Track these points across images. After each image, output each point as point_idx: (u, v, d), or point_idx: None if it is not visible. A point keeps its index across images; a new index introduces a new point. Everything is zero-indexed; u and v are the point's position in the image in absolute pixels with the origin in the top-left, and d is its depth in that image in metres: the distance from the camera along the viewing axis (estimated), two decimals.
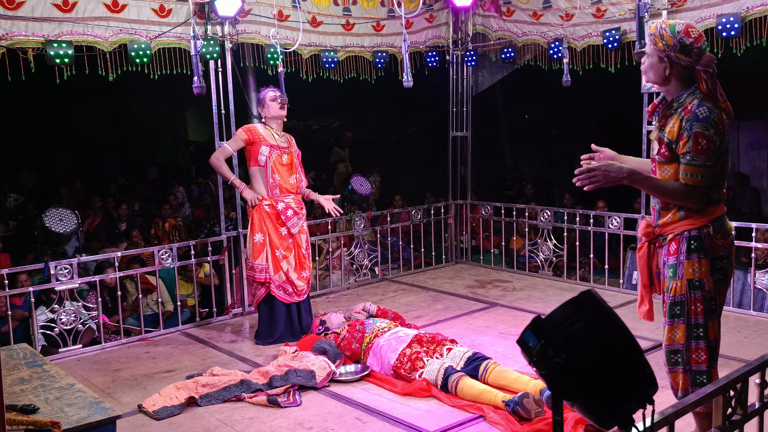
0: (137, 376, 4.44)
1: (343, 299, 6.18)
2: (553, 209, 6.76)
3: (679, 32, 2.69)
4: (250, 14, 5.57)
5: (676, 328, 2.76)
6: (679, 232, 2.75)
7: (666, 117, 2.78)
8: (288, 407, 3.79)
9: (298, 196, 5.01)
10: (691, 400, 2.05)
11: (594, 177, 2.70)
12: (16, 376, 3.03)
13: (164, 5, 5.17)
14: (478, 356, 3.96)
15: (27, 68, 4.64)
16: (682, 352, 2.76)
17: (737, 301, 5.51)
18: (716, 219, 2.74)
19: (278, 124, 4.94)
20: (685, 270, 2.72)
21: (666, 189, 2.73)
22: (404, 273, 7.12)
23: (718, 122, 2.65)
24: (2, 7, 4.51)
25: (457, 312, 5.56)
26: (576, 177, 2.73)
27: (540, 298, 5.94)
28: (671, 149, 2.71)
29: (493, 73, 7.44)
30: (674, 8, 5.31)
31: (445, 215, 7.49)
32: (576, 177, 2.73)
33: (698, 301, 2.71)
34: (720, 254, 2.74)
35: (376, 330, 4.39)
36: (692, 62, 2.70)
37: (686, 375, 2.76)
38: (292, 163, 4.96)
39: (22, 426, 2.42)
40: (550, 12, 6.26)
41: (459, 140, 7.48)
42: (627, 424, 1.80)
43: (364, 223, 6.67)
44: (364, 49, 6.38)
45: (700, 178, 2.66)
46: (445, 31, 7.06)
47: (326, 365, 4.13)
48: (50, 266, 4.84)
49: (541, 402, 3.44)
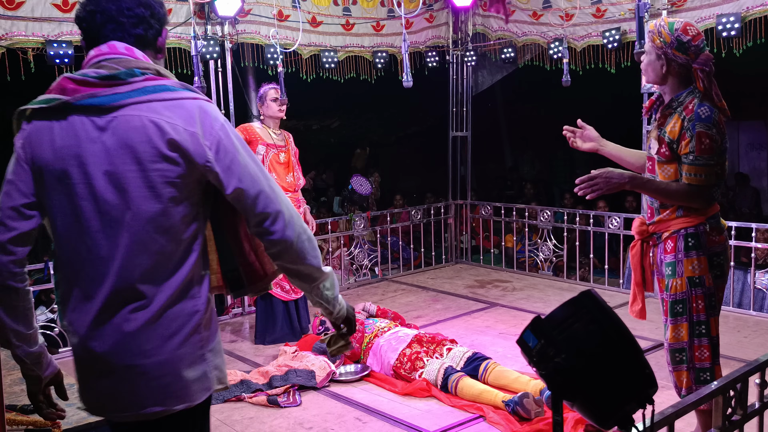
0: None
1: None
2: (553, 209, 6.76)
3: (677, 29, 2.69)
4: (250, 14, 5.57)
5: (679, 326, 2.76)
6: (676, 230, 2.75)
7: (665, 116, 2.77)
8: (288, 407, 3.79)
9: (295, 194, 5.00)
10: (691, 400, 2.05)
11: (596, 185, 2.69)
12: (16, 376, 3.03)
13: (164, 5, 5.16)
14: (478, 356, 3.96)
15: (27, 68, 4.65)
16: (686, 350, 2.75)
17: (737, 301, 5.51)
18: (712, 216, 2.75)
19: (275, 123, 4.94)
20: (684, 268, 2.72)
21: (669, 191, 2.73)
22: (404, 273, 7.12)
23: (719, 121, 2.66)
24: (2, 7, 4.51)
25: (457, 312, 5.56)
26: (578, 186, 2.72)
27: (540, 298, 5.94)
28: (672, 149, 2.71)
29: (493, 73, 7.45)
30: (674, 8, 5.31)
31: (445, 215, 7.49)
32: (578, 186, 2.72)
33: (699, 298, 2.72)
34: (716, 251, 2.74)
35: (376, 330, 4.39)
36: (689, 60, 2.69)
37: (690, 373, 2.76)
38: (289, 162, 4.96)
39: (22, 426, 2.42)
40: (550, 12, 6.26)
41: (459, 140, 7.48)
42: (627, 424, 1.80)
43: (364, 223, 6.67)
44: (364, 49, 6.38)
45: (704, 177, 2.66)
46: (445, 31, 7.06)
47: (326, 365, 4.13)
48: (50, 266, 4.84)
49: (541, 402, 3.44)
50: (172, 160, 1.61)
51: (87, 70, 1.67)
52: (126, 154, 1.60)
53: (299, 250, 1.71)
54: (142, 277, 1.63)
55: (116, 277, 1.62)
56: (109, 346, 1.63)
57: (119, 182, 1.61)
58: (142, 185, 1.61)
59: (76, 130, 1.62)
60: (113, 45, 1.69)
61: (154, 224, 1.62)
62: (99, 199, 1.61)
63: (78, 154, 1.61)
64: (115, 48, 1.68)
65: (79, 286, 1.66)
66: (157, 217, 1.62)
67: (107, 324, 1.63)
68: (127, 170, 1.60)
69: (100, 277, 1.63)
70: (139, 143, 1.60)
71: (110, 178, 1.61)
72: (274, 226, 1.68)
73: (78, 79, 1.63)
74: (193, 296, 1.70)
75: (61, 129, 1.63)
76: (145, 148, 1.60)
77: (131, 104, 1.61)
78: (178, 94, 1.65)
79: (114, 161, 1.60)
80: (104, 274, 1.62)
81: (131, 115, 1.61)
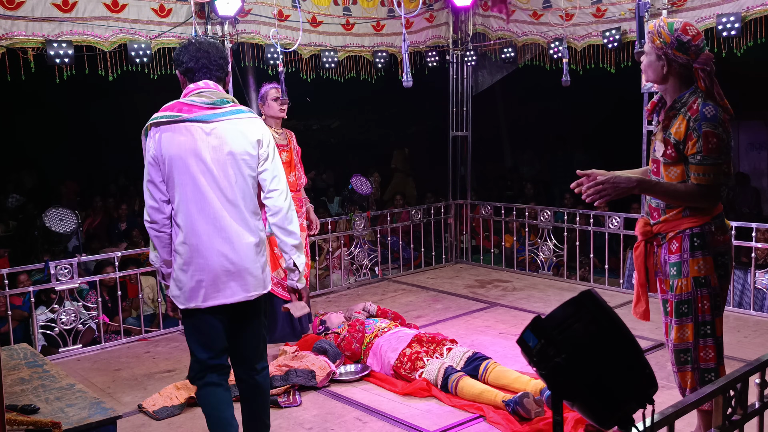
0: (137, 376, 4.44)
1: (343, 299, 6.18)
2: (553, 209, 6.76)
3: (677, 30, 2.69)
4: (250, 14, 5.57)
5: (685, 327, 2.74)
6: (681, 230, 2.74)
7: (669, 118, 2.76)
8: (288, 407, 3.79)
9: (297, 194, 5.00)
10: (691, 399, 2.05)
11: (603, 191, 2.66)
12: (16, 376, 3.03)
13: (164, 5, 5.17)
14: (478, 356, 3.96)
15: (27, 68, 4.65)
16: (691, 350, 2.74)
17: (737, 301, 5.51)
18: (717, 216, 2.74)
19: (277, 123, 4.94)
20: (690, 268, 2.71)
21: (678, 192, 2.72)
22: (404, 273, 7.12)
23: (724, 120, 2.65)
24: (2, 7, 4.51)
25: (457, 312, 5.56)
26: (585, 193, 2.69)
27: (540, 298, 5.94)
28: (678, 150, 2.70)
29: (493, 73, 7.44)
30: (674, 8, 5.31)
31: (445, 215, 7.49)
32: (585, 193, 2.69)
33: (705, 299, 2.70)
34: (721, 250, 2.73)
35: (376, 330, 4.39)
36: (690, 60, 2.69)
37: (694, 374, 2.75)
38: (291, 161, 4.96)
39: (22, 426, 2.42)
40: (550, 12, 6.26)
41: (459, 140, 7.48)
42: (627, 424, 1.80)
43: (364, 222, 6.67)
44: (364, 49, 6.38)
45: (713, 176, 2.65)
46: (445, 31, 7.06)
47: (326, 365, 4.13)
48: (50, 266, 4.84)
49: (541, 402, 3.44)
50: (253, 151, 2.80)
51: (193, 97, 2.77)
52: (225, 148, 2.75)
53: (290, 216, 2.90)
54: (240, 219, 2.81)
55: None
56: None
57: (223, 165, 2.75)
58: (236, 167, 2.78)
59: (192, 133, 2.72)
60: (207, 82, 2.83)
61: (241, 189, 2.80)
62: (211, 174, 2.74)
63: (194, 148, 2.72)
64: (208, 84, 2.82)
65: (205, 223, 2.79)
66: (243, 185, 2.80)
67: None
68: (225, 159, 2.75)
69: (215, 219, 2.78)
70: (233, 142, 2.76)
71: (216, 163, 2.74)
72: (278, 197, 2.87)
73: (189, 103, 2.76)
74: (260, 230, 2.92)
75: (182, 133, 2.72)
76: (238, 143, 2.77)
77: (226, 120, 2.77)
78: (248, 114, 2.84)
79: (217, 153, 2.74)
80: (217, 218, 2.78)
81: (226, 126, 2.76)
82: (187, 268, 2.79)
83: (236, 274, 2.78)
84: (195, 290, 2.78)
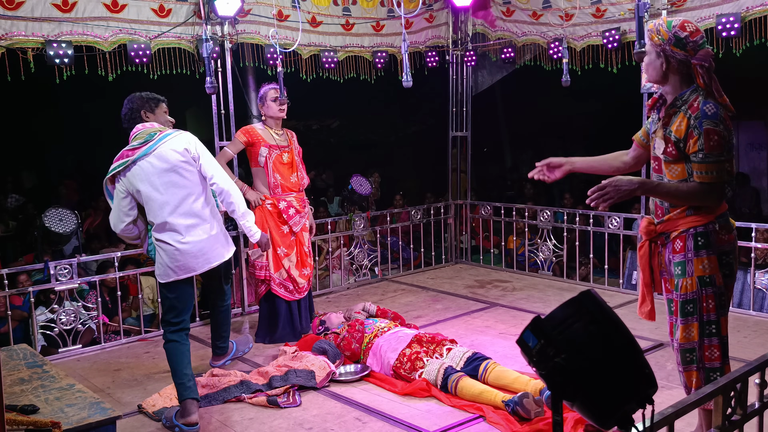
0: (137, 376, 4.44)
1: (343, 299, 6.18)
2: (553, 209, 6.76)
3: (675, 26, 2.69)
4: (249, 14, 5.57)
5: (690, 326, 2.73)
6: (685, 229, 2.72)
7: (670, 115, 2.75)
8: (288, 407, 3.79)
9: (300, 194, 5.00)
10: (690, 399, 2.05)
11: (606, 194, 2.65)
12: (16, 377, 3.04)
13: (164, 5, 5.17)
14: (478, 356, 3.96)
15: (27, 68, 4.64)
16: (696, 350, 2.73)
17: (737, 301, 5.51)
18: (721, 215, 2.72)
19: (276, 123, 4.94)
20: (695, 267, 2.70)
21: (681, 191, 2.70)
22: (404, 273, 7.12)
23: (725, 118, 2.64)
24: (2, 7, 4.51)
25: (456, 312, 5.56)
26: (588, 198, 2.69)
27: (540, 298, 5.94)
28: (678, 148, 2.69)
29: (493, 73, 7.44)
30: (674, 8, 5.31)
31: (445, 215, 7.49)
32: (588, 198, 2.69)
33: (710, 298, 2.69)
34: (725, 249, 2.72)
35: (375, 330, 4.39)
36: (688, 56, 2.68)
37: (700, 373, 2.74)
38: (292, 162, 4.95)
39: (22, 426, 2.42)
40: (549, 12, 6.26)
41: (459, 140, 7.48)
42: (627, 424, 1.80)
43: (363, 223, 6.67)
44: (363, 49, 6.38)
45: (716, 174, 2.63)
46: (445, 31, 7.06)
47: (326, 365, 4.13)
48: (50, 266, 4.84)
49: (540, 402, 3.44)
50: (183, 157, 3.64)
51: (133, 142, 3.63)
52: (165, 163, 3.61)
53: (231, 192, 3.76)
54: (191, 210, 3.70)
55: (174, 210, 3.65)
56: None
57: (167, 175, 3.61)
58: (177, 173, 3.63)
59: (142, 168, 3.61)
60: (137, 127, 3.71)
61: (187, 187, 3.68)
62: (160, 182, 3.61)
63: (148, 173, 3.61)
64: (137, 128, 3.70)
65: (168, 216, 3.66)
66: (185, 182, 3.68)
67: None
68: (166, 169, 3.61)
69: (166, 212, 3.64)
70: (169, 156, 3.61)
71: (161, 175, 3.60)
72: (218, 181, 3.74)
73: (131, 147, 3.62)
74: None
75: (136, 169, 3.62)
76: (173, 156, 3.62)
77: (160, 146, 3.61)
78: (174, 132, 3.70)
79: (159, 167, 3.61)
80: (168, 211, 3.64)
81: (160, 150, 3.61)
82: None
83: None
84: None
